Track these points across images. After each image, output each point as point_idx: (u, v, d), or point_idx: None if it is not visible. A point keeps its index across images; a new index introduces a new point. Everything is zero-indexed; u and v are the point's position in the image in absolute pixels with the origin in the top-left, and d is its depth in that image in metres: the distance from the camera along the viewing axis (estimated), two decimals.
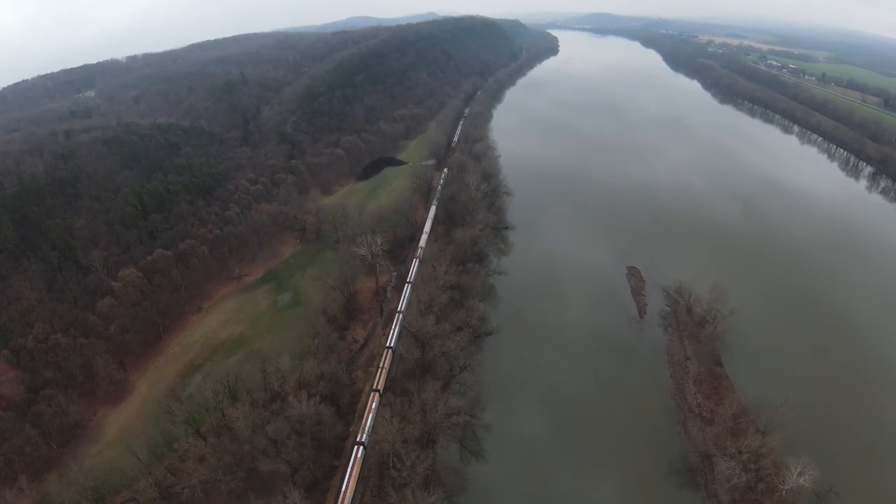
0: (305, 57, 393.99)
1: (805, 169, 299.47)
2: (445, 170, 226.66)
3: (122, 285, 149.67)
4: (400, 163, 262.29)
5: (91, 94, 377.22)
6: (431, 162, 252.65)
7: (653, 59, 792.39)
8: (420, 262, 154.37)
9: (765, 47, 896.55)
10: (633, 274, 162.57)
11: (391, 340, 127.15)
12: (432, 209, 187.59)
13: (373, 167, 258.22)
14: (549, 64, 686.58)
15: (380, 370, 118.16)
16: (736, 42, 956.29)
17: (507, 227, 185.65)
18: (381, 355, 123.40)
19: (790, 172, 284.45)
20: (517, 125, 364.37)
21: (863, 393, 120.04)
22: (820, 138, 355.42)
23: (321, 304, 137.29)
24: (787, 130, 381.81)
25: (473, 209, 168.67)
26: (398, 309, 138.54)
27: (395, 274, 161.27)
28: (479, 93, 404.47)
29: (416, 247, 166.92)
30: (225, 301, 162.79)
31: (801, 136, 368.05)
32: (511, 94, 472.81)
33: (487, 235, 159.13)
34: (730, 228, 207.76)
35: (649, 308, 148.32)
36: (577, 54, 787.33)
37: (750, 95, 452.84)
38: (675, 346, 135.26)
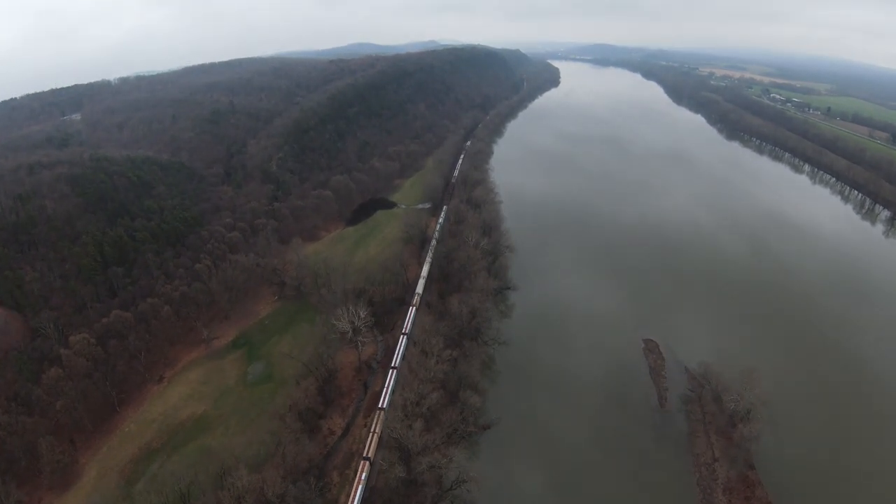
0: (299, 86, 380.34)
1: (821, 213, 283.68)
2: (441, 218, 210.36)
3: (73, 353, 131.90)
4: (393, 205, 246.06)
5: (76, 117, 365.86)
6: (427, 206, 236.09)
7: (654, 91, 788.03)
8: (409, 335, 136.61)
9: (766, 79, 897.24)
10: (651, 349, 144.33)
11: (384, 401, 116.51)
12: (426, 266, 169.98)
13: (364, 209, 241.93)
14: (551, 95, 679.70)
15: (371, 434, 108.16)
16: (737, 74, 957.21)
17: (508, 288, 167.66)
18: (373, 417, 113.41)
19: (806, 216, 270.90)
20: (519, 160, 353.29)
21: None
22: (832, 178, 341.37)
23: (292, 395, 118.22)
24: (797, 169, 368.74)
25: (472, 271, 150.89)
26: (393, 364, 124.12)
27: (381, 344, 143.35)
28: (479, 127, 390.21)
29: (408, 309, 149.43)
30: (190, 370, 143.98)
31: (812, 176, 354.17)
32: (513, 127, 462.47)
33: (487, 307, 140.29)
34: (749, 278, 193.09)
35: (671, 393, 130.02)
36: (579, 86, 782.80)
37: (758, 132, 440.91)
38: (701, 444, 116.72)
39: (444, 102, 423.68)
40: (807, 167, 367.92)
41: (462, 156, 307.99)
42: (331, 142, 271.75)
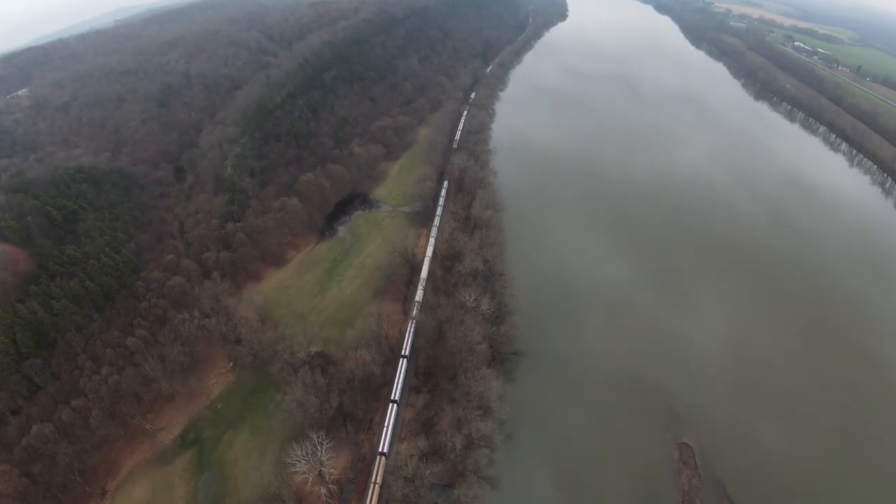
0: (272, 39, 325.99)
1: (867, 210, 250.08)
2: (433, 236, 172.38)
3: None
4: (376, 204, 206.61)
5: (24, 93, 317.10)
6: (418, 208, 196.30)
7: (670, 29, 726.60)
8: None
9: (786, 22, 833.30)
10: (686, 461, 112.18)
11: (383, 445, 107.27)
12: (408, 338, 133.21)
13: (342, 208, 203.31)
14: (558, 32, 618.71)
15: (372, 485, 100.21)
16: (756, 14, 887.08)
17: (514, 353, 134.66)
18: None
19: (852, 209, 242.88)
20: (524, 110, 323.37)
21: None
22: (874, 165, 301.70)
23: None
24: (834, 147, 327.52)
25: (469, 367, 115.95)
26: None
27: (355, 448, 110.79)
28: (480, 87, 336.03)
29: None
30: (135, 481, 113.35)
31: (849, 157, 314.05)
32: (518, 72, 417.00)
33: (489, 428, 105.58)
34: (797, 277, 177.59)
35: None
36: (587, 20, 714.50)
37: (791, 98, 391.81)
38: None
39: (440, 53, 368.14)
40: (844, 146, 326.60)
41: (460, 130, 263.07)
42: (301, 122, 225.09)
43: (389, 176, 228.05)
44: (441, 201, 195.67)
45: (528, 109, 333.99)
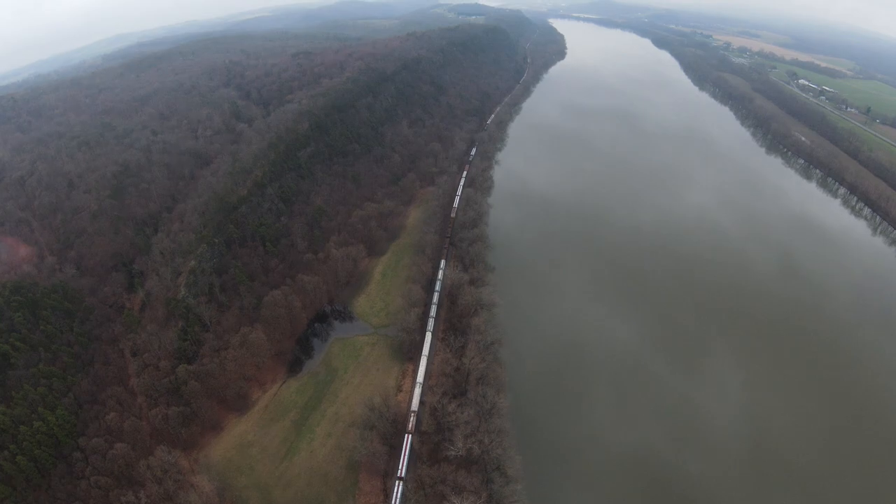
0: (249, 98, 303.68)
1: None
2: (419, 383, 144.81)
3: None
4: (355, 320, 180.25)
5: None
6: (402, 334, 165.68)
7: (670, 64, 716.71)
8: None
9: (787, 55, 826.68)
10: None
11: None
12: None
13: (317, 322, 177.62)
14: (558, 72, 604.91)
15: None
16: (756, 46, 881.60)
17: None
18: None
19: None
20: (520, 178, 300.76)
21: None
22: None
23: None
24: (855, 212, 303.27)
25: None
26: None
27: None
28: (474, 155, 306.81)
29: None
30: None
31: (872, 225, 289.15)
32: (517, 124, 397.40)
33: None
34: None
35: None
36: (587, 59, 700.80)
37: (808, 153, 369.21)
38: None
39: (433, 114, 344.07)
40: (867, 210, 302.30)
41: (454, 214, 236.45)
42: (271, 216, 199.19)
43: (372, 280, 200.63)
44: (430, 324, 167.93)
45: (527, 159, 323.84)
